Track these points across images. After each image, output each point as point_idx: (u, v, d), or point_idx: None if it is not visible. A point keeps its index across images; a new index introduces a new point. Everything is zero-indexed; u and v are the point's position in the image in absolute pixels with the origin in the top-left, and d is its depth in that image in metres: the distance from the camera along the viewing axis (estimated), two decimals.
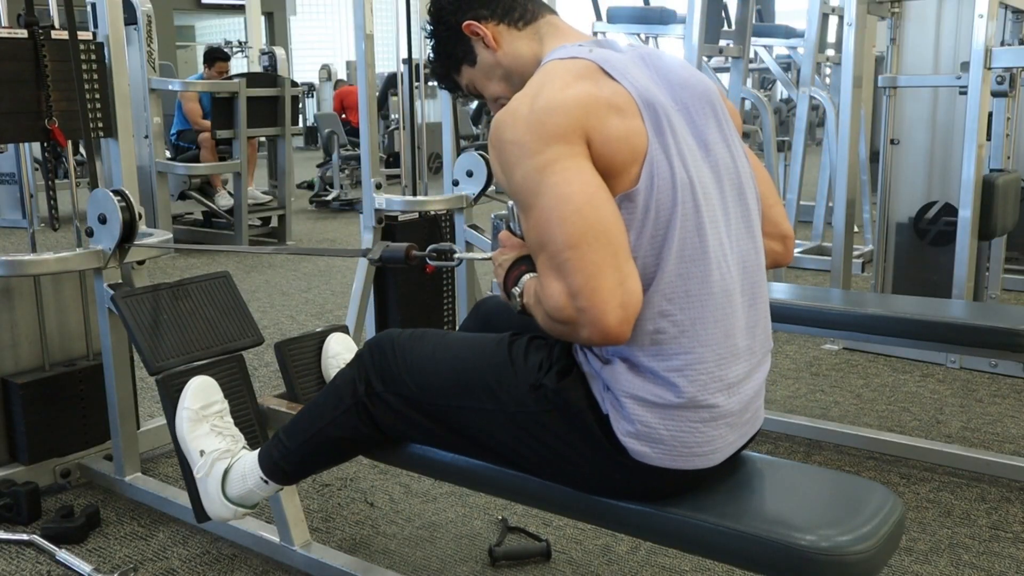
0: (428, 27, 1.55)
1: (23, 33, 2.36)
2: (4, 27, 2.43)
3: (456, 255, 1.63)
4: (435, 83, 1.77)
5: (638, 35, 5.63)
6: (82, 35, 2.41)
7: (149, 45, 5.43)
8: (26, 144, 3.89)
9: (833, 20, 6.04)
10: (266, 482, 1.70)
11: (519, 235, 1.47)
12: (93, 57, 2.45)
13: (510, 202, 1.50)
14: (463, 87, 1.56)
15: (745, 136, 5.53)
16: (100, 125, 2.47)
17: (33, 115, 2.40)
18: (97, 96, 2.47)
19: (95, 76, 2.46)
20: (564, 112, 1.25)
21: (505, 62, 1.48)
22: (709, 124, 1.37)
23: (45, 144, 2.48)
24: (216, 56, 6.41)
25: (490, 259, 1.51)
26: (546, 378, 1.37)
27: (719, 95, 1.41)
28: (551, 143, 1.24)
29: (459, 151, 3.64)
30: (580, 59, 1.34)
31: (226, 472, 1.74)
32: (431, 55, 1.57)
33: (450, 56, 1.53)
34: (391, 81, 9.61)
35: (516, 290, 1.39)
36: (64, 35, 2.38)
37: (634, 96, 1.29)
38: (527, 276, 1.39)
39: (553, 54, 1.40)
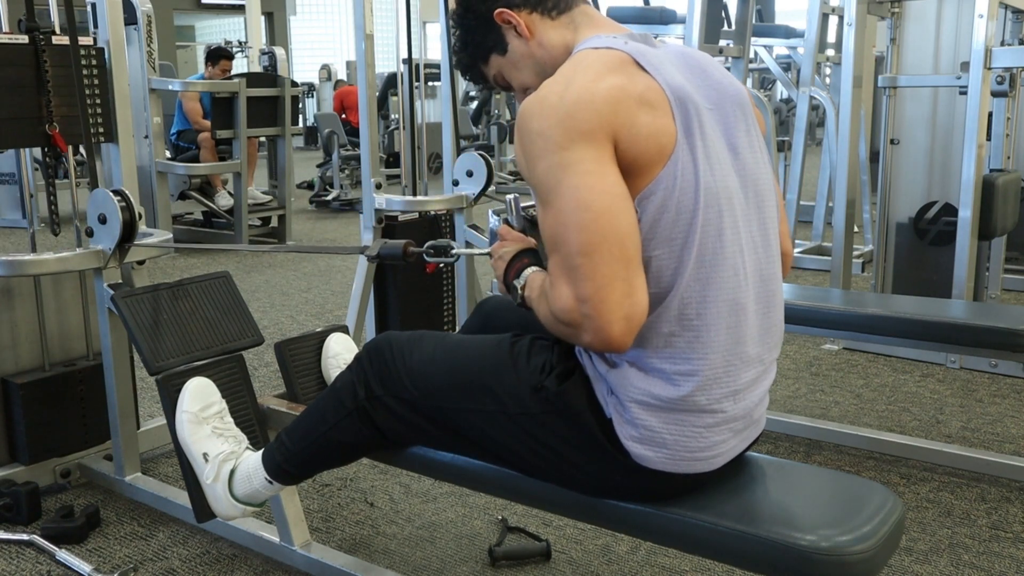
0: (454, 18, 1.49)
1: (24, 39, 2.36)
2: (5, 32, 2.43)
3: (453, 251, 1.63)
4: (437, 82, 1.77)
5: None
6: (83, 40, 2.40)
7: (149, 45, 5.43)
8: None
9: (833, 20, 6.04)
10: (271, 482, 1.70)
11: (518, 229, 1.49)
12: (94, 62, 2.44)
13: (509, 196, 1.52)
14: (491, 78, 1.50)
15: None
16: (101, 130, 2.46)
17: (34, 120, 2.40)
18: (98, 101, 2.46)
19: (96, 81, 2.45)
20: (593, 108, 1.22)
21: (538, 53, 1.42)
22: (739, 128, 1.35)
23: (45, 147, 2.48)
24: (220, 54, 6.38)
25: (489, 254, 1.51)
26: (547, 380, 1.37)
27: (750, 101, 1.39)
28: (577, 141, 1.21)
29: (459, 151, 3.64)
30: (614, 50, 1.30)
31: (232, 473, 1.74)
32: (457, 45, 1.50)
33: (479, 46, 1.46)
34: (391, 81, 9.60)
35: (518, 283, 1.40)
36: (65, 40, 2.37)
37: (667, 92, 1.26)
38: (530, 270, 1.40)
39: (586, 43, 1.36)
